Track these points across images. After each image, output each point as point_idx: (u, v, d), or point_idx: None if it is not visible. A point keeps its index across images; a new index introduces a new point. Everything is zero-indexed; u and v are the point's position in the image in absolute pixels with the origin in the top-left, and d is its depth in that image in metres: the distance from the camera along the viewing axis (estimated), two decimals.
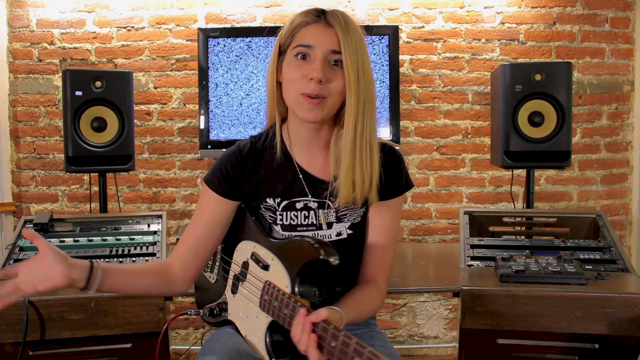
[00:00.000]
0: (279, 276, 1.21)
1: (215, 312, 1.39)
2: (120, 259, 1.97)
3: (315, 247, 1.15)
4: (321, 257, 1.13)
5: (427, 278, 2.05)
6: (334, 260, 1.13)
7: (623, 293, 1.69)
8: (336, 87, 1.25)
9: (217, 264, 1.47)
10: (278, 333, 1.20)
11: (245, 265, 1.32)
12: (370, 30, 2.64)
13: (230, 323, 1.38)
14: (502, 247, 2.06)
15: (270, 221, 1.35)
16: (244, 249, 1.34)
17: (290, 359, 1.19)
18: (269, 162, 1.36)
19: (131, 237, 2.07)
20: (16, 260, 1.92)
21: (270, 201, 1.35)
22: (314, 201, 1.34)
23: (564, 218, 2.20)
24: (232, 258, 1.38)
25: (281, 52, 1.31)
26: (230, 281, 1.37)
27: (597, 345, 1.73)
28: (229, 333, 1.35)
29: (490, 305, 1.73)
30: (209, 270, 1.48)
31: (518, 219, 2.35)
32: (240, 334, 1.33)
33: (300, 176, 1.34)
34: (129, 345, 1.79)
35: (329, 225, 1.34)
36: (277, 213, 1.34)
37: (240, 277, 1.33)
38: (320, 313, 1.06)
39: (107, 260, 1.96)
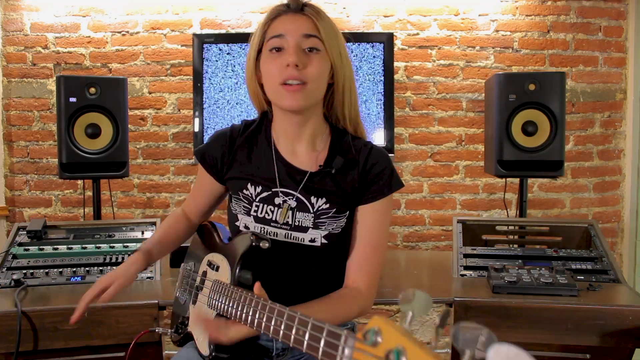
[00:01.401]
0: (224, 272, 1.24)
1: (180, 330, 1.40)
2: (114, 267, 1.96)
3: (248, 235, 1.21)
4: (253, 244, 1.18)
5: (420, 288, 2.04)
6: (263, 244, 1.18)
7: (614, 305, 1.71)
8: (313, 71, 1.26)
9: (188, 281, 1.46)
10: None
11: (204, 274, 1.34)
12: (365, 37, 2.65)
13: (190, 337, 1.38)
14: (495, 256, 2.07)
15: (244, 211, 1.35)
16: (205, 262, 1.37)
17: (231, 357, 1.20)
18: (255, 148, 1.39)
19: (125, 244, 2.06)
20: (9, 269, 1.91)
21: (250, 189, 1.35)
22: (293, 200, 1.33)
23: (557, 227, 2.21)
24: (197, 274, 1.39)
25: (258, 54, 1.32)
26: (192, 293, 1.37)
27: (588, 356, 1.75)
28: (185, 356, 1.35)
29: (482, 316, 1.74)
30: (180, 291, 1.48)
31: (511, 228, 2.36)
32: (195, 342, 1.32)
33: (283, 167, 1.35)
34: (122, 355, 1.78)
35: (304, 230, 1.31)
36: (254, 203, 1.34)
37: (200, 286, 1.34)
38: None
39: (100, 268, 1.96)
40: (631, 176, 3.04)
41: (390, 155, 1.46)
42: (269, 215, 1.33)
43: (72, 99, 2.29)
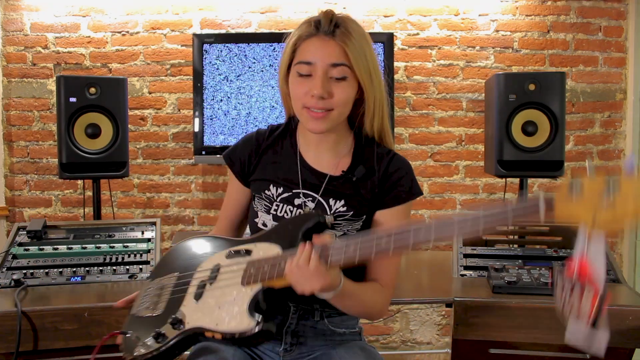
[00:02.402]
0: (267, 250, 1.25)
1: (159, 338, 1.25)
2: (114, 267, 1.97)
3: (312, 211, 1.25)
4: (320, 219, 1.22)
5: (420, 288, 2.05)
6: (329, 218, 1.23)
7: (614, 305, 1.70)
8: (339, 100, 1.28)
9: (168, 293, 1.36)
10: (264, 302, 1.20)
11: (215, 268, 1.30)
12: None
13: (192, 340, 1.28)
14: (495, 256, 2.07)
15: (264, 209, 1.39)
16: (212, 260, 1.32)
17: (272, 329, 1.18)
18: (280, 152, 1.42)
19: (125, 244, 2.06)
20: (9, 269, 1.91)
21: (272, 190, 1.39)
22: (311, 201, 1.36)
23: (557, 227, 2.21)
24: (193, 276, 1.33)
25: (289, 65, 1.34)
26: (192, 290, 1.30)
27: (588, 356, 1.74)
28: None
29: (482, 316, 1.74)
30: (148, 308, 1.35)
31: (511, 228, 2.36)
32: (209, 331, 1.23)
33: (306, 171, 1.39)
34: (122, 354, 1.78)
35: None
36: (274, 203, 1.38)
37: (210, 280, 1.28)
38: (324, 236, 1.15)
39: (100, 268, 1.96)
40: None
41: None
42: (287, 214, 1.37)
43: (72, 99, 2.30)
